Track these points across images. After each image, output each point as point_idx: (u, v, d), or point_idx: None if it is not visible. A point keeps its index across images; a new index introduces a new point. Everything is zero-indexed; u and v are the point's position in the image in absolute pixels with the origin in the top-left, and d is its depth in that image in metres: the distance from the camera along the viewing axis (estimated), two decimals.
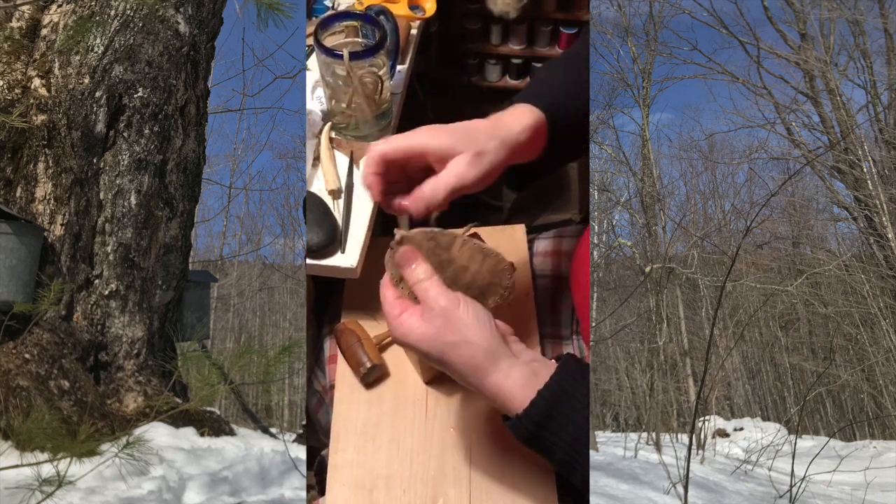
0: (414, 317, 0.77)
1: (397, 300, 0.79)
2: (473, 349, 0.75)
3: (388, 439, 1.04)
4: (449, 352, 0.75)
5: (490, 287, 0.85)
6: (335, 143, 1.25)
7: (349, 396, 1.10)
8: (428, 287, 0.77)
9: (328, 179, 1.20)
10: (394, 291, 0.80)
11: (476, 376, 0.76)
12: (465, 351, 0.75)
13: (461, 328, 0.75)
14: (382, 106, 1.24)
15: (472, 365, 0.75)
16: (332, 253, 1.14)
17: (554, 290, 1.18)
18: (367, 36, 1.20)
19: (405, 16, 1.37)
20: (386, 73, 1.20)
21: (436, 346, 0.76)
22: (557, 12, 1.70)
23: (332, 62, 1.14)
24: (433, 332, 0.75)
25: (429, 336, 0.76)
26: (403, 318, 0.77)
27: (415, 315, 0.77)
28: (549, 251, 1.22)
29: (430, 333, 0.76)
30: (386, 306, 0.79)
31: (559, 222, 1.46)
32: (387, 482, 1.00)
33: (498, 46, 1.77)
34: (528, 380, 0.75)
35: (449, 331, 0.75)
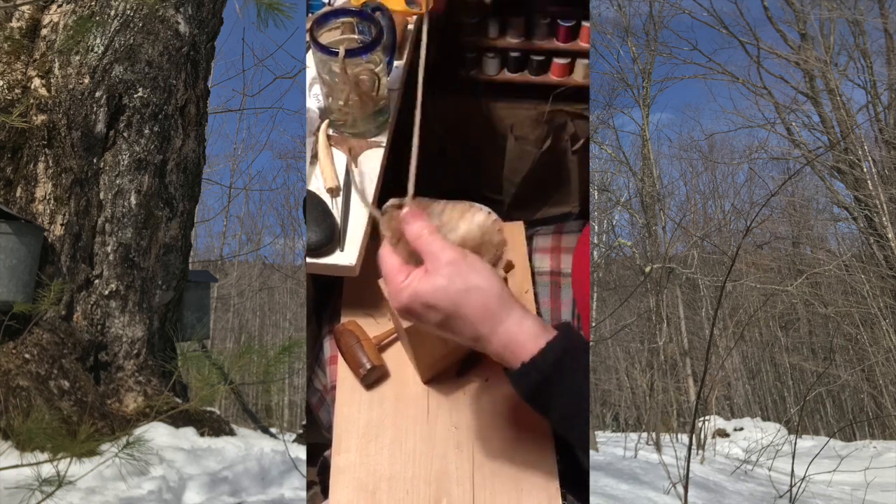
0: (419, 275, 0.75)
1: (402, 265, 0.77)
2: (486, 295, 0.73)
3: (390, 440, 1.04)
4: (462, 301, 0.73)
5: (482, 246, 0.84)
6: (333, 140, 1.25)
7: (350, 398, 1.10)
8: (432, 240, 0.75)
9: (326, 177, 1.20)
10: (397, 258, 0.77)
11: (490, 324, 0.74)
12: (478, 297, 0.73)
13: (471, 275, 0.74)
14: (380, 102, 1.24)
15: (485, 312, 0.73)
16: (331, 251, 1.13)
17: (554, 287, 1.18)
18: (364, 32, 1.20)
19: (402, 11, 1.37)
20: (383, 70, 1.20)
21: (448, 297, 0.73)
22: (555, 4, 1.69)
23: (328, 59, 1.14)
24: (443, 282, 0.73)
25: (439, 287, 0.73)
26: (409, 280, 0.75)
27: (420, 274, 0.75)
28: (548, 248, 1.22)
29: (439, 285, 0.73)
30: (390, 274, 0.77)
31: (559, 215, 1.46)
32: (390, 483, 1.00)
33: (495, 39, 1.76)
34: (540, 330, 0.75)
35: (459, 279, 0.73)
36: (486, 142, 1.85)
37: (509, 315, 0.74)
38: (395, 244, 0.79)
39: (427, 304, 0.74)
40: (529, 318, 0.75)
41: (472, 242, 0.83)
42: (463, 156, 1.88)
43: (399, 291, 0.75)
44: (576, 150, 1.76)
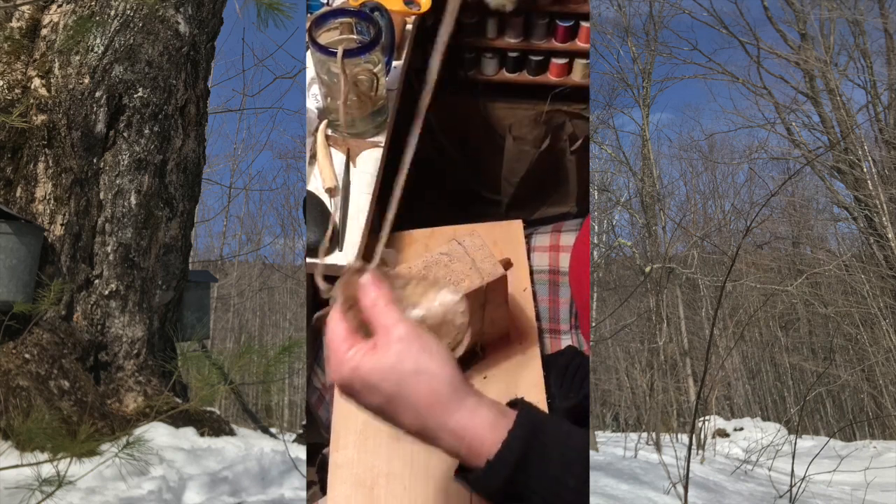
0: (365, 349, 0.66)
1: (349, 335, 0.68)
2: (436, 381, 0.64)
3: (388, 436, 1.04)
4: (407, 383, 0.64)
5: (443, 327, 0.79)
6: (331, 140, 1.25)
7: None
8: (386, 311, 0.67)
9: (324, 177, 1.20)
10: (345, 325, 0.69)
11: (438, 414, 0.64)
12: (426, 383, 0.64)
13: (422, 358, 0.65)
14: (378, 103, 1.24)
15: (433, 400, 0.64)
16: (329, 251, 1.14)
17: (552, 285, 1.18)
18: (362, 32, 1.20)
19: (400, 11, 1.37)
20: (381, 70, 1.20)
21: (391, 377, 0.65)
22: (554, 4, 1.70)
23: (326, 60, 1.14)
24: (390, 361, 0.65)
25: (384, 365, 0.65)
26: (353, 352, 0.66)
27: (366, 348, 0.66)
28: (546, 246, 1.23)
29: (385, 362, 0.65)
30: (333, 343, 0.68)
31: (557, 215, 1.46)
32: (387, 479, 1.00)
33: (494, 40, 1.76)
34: (497, 419, 0.65)
35: (409, 359, 0.65)
36: (484, 142, 1.86)
37: (462, 405, 0.65)
38: (345, 311, 0.71)
39: (368, 383, 0.65)
40: (485, 406, 0.66)
41: (432, 321, 0.77)
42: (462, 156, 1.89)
43: (340, 364, 0.67)
44: (574, 149, 1.77)
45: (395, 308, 0.68)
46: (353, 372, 0.65)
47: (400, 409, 0.66)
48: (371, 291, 0.69)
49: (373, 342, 0.66)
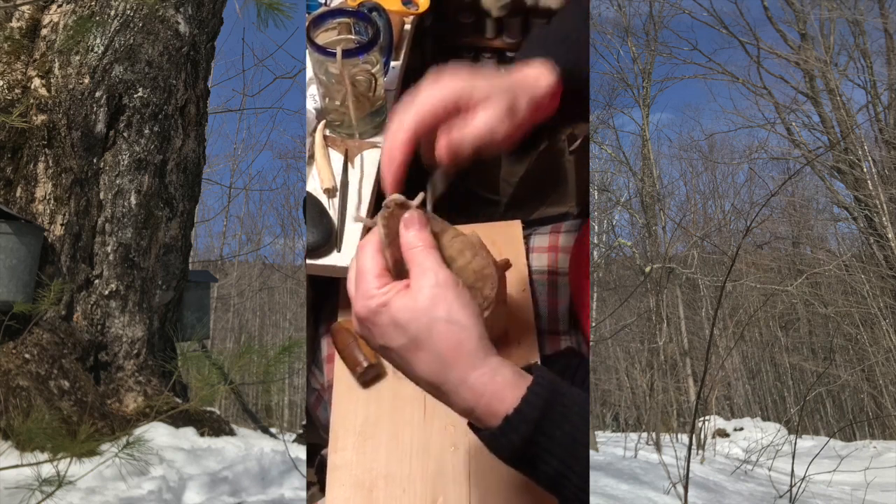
0: (398, 288, 0.65)
1: (383, 272, 0.67)
2: (465, 334, 0.63)
3: (386, 438, 1.04)
4: (437, 329, 0.62)
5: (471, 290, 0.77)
6: (329, 141, 1.25)
7: (347, 396, 1.11)
8: (426, 255, 0.66)
9: (323, 178, 1.20)
10: (380, 261, 0.67)
11: (461, 367, 0.62)
12: (456, 333, 0.62)
13: (455, 307, 0.63)
14: (377, 103, 1.24)
15: (459, 352, 0.62)
16: (328, 252, 1.14)
17: (551, 286, 1.18)
18: (361, 33, 1.20)
19: (398, 11, 1.37)
20: (379, 71, 1.20)
21: (422, 319, 0.63)
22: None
23: (324, 60, 1.14)
24: (424, 304, 0.63)
25: (417, 306, 0.63)
26: (387, 289, 0.65)
27: (400, 286, 0.65)
28: (545, 247, 1.22)
29: (419, 304, 0.63)
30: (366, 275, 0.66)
31: (557, 215, 1.46)
32: (386, 481, 1.00)
33: (492, 40, 1.76)
34: (518, 379, 0.63)
35: (443, 306, 0.63)
36: None
37: (485, 362, 0.63)
38: (385, 246, 0.69)
39: (396, 320, 0.63)
40: (507, 367, 0.64)
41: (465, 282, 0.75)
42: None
43: (368, 298, 0.65)
44: (573, 150, 1.76)
45: (435, 253, 0.67)
46: (382, 307, 0.64)
47: (421, 355, 0.63)
48: (414, 231, 0.68)
49: (407, 282, 0.65)
